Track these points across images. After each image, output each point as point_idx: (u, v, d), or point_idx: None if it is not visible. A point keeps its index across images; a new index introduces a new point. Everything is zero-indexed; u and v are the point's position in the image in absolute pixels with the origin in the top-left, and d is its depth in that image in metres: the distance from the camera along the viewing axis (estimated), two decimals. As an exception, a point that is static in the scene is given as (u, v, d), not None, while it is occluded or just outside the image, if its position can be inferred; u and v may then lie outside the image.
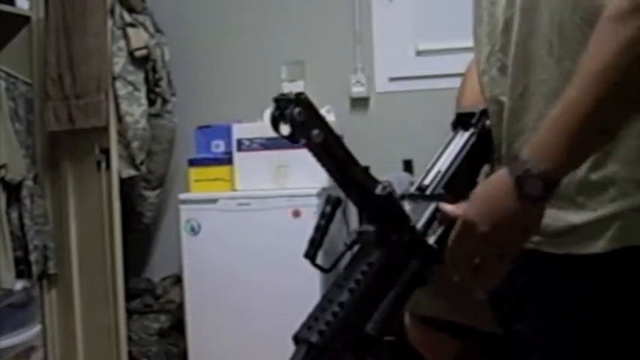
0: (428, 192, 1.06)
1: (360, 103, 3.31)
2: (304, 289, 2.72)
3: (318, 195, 2.80)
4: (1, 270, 2.71)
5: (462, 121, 1.16)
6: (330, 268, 1.02)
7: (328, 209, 1.01)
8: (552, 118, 0.92)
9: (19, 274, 2.85)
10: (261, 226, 2.82)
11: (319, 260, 1.01)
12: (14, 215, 2.84)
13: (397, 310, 0.97)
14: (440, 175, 1.08)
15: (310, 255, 1.00)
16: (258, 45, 3.39)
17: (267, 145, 2.91)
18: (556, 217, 1.02)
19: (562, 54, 1.01)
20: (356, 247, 1.00)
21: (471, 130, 1.14)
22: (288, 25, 3.37)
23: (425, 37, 3.24)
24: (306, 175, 2.86)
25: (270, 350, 2.71)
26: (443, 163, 1.10)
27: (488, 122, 1.14)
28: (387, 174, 2.86)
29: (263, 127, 2.99)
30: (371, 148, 3.14)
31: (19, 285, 2.85)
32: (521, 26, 1.05)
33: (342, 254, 1.00)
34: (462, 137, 1.13)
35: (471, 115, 1.15)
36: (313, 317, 0.91)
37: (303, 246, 1.02)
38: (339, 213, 1.02)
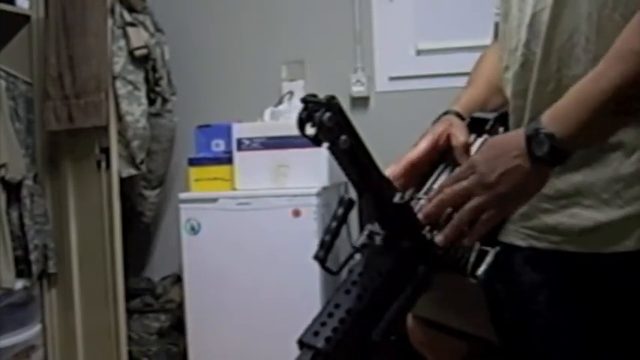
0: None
1: (360, 102, 3.31)
2: (304, 289, 2.73)
3: (318, 194, 2.80)
4: (1, 269, 2.71)
5: (475, 126, 1.14)
6: (338, 270, 1.01)
7: (341, 211, 0.99)
8: (577, 87, 0.92)
9: (19, 274, 2.85)
10: (261, 225, 2.82)
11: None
12: (14, 215, 2.84)
13: (402, 317, 0.96)
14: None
15: (320, 257, 0.98)
16: (258, 45, 3.39)
17: (268, 144, 2.91)
18: (580, 215, 1.02)
19: (599, 51, 0.99)
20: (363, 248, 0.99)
21: (485, 136, 1.12)
22: (288, 25, 3.37)
23: (425, 37, 3.24)
24: (306, 175, 2.86)
25: (269, 349, 2.72)
26: (454, 169, 1.08)
27: (501, 129, 1.12)
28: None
29: (263, 127, 3.00)
30: (371, 148, 3.13)
31: (19, 284, 2.85)
32: (553, 21, 1.03)
33: (350, 256, 1.00)
34: (475, 144, 1.11)
35: (485, 121, 1.13)
36: (320, 322, 0.90)
37: (303, 245, 1.02)
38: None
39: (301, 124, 0.87)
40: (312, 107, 0.86)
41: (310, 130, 0.86)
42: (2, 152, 2.75)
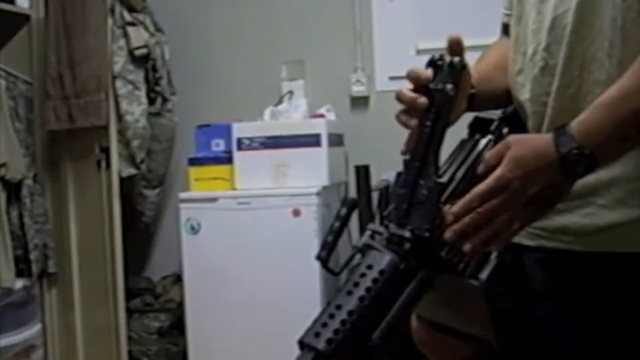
0: (442, 199, 1.02)
1: (360, 101, 3.31)
2: (304, 288, 2.73)
3: (318, 194, 2.80)
4: (2, 269, 2.71)
5: (479, 126, 1.13)
6: (339, 271, 1.00)
7: (344, 211, 0.99)
8: (607, 100, 0.92)
9: (19, 273, 2.86)
10: (261, 225, 2.82)
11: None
12: (14, 214, 2.85)
13: (403, 319, 0.96)
14: (455, 183, 1.05)
15: (323, 257, 0.98)
16: (258, 44, 3.39)
17: (267, 144, 2.91)
18: (595, 215, 1.01)
19: (623, 56, 0.98)
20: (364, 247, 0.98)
21: (489, 137, 1.11)
22: (288, 24, 3.37)
23: (425, 37, 3.23)
24: (306, 175, 2.86)
25: (269, 349, 2.72)
26: (458, 170, 1.07)
27: (505, 130, 1.12)
28: (387, 173, 2.86)
29: (263, 126, 3.00)
30: (371, 147, 3.14)
31: (19, 284, 2.86)
32: (576, 25, 1.01)
33: (352, 257, 0.99)
34: (479, 144, 1.10)
35: (490, 121, 1.12)
36: (321, 323, 0.89)
37: (303, 245, 1.02)
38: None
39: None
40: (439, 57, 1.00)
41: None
42: (2, 152, 2.75)
